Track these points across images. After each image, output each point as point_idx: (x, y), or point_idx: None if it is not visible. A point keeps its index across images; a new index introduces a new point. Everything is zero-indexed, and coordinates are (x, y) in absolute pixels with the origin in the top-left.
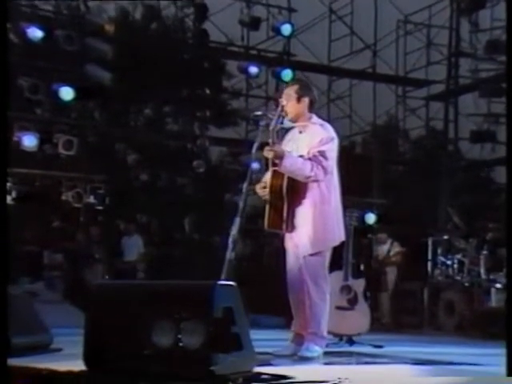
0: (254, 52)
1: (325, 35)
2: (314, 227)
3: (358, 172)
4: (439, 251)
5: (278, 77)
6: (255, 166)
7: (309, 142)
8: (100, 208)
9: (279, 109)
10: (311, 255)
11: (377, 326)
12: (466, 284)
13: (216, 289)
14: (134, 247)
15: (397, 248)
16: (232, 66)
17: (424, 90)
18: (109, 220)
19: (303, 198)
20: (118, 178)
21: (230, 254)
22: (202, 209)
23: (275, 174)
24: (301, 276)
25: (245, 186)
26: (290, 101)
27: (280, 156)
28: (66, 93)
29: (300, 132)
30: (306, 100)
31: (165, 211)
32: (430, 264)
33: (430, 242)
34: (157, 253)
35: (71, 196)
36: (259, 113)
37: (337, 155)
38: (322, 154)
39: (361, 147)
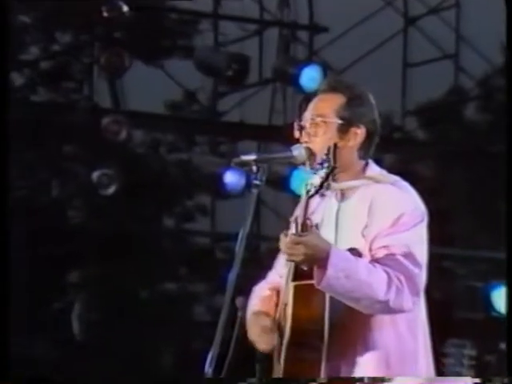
0: None
1: None
2: None
3: (470, 188)
4: None
5: None
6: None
7: (368, 222)
8: None
9: (329, 162)
10: None
11: None
12: None
13: None
14: None
15: None
16: None
17: None
18: None
19: (363, 342)
20: None
21: None
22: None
23: (303, 291)
24: None
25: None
26: (320, 130)
27: (322, 258)
28: None
29: (342, 197)
30: (359, 131)
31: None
32: None
33: None
34: None
35: None
36: (252, 157)
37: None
38: (406, 251)
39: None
